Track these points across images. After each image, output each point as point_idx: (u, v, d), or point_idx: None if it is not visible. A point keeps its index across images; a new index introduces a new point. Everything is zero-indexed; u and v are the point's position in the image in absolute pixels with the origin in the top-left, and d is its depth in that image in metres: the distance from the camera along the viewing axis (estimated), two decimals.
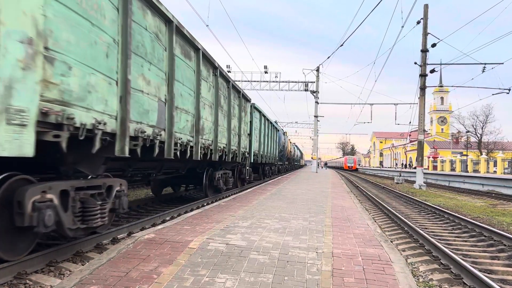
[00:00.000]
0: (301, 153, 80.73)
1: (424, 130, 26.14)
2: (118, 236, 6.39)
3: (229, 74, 14.50)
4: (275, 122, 27.95)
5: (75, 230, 4.87)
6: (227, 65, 34.68)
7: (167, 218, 8.39)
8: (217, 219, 7.08)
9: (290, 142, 46.07)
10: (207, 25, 17.50)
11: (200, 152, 8.66)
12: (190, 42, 7.88)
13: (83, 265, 4.93)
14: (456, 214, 10.77)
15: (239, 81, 35.10)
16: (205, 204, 10.90)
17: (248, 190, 14.49)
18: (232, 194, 13.45)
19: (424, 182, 25.12)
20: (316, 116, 38.51)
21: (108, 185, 5.59)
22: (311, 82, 37.06)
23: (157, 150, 6.22)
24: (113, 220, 6.25)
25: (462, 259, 5.85)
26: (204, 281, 3.78)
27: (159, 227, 6.19)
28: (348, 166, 79.62)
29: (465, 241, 8.02)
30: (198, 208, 10.06)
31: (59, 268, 4.71)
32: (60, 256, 5.00)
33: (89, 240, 5.73)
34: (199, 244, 5.01)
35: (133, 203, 10.19)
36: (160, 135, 6.37)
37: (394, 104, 40.41)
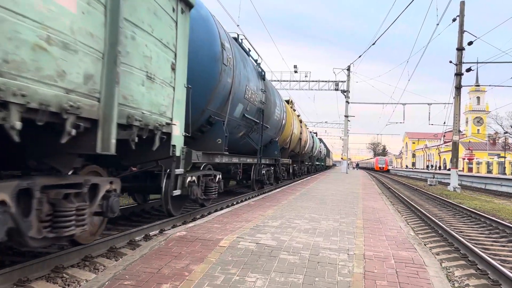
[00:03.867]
0: (328, 151, 64.54)
1: (459, 131, 25.34)
2: (150, 233, 6.51)
3: None
4: (258, 65, 12.96)
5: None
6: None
7: (198, 216, 8.48)
8: (246, 218, 7.10)
9: (306, 127, 30.51)
10: (237, 25, 17.54)
11: None
12: None
13: (116, 260, 5.05)
14: (494, 218, 10.39)
15: (269, 80, 35.03)
16: (234, 203, 10.96)
17: (277, 190, 14.47)
18: (261, 194, 13.45)
19: (458, 185, 24.36)
20: (346, 116, 38.06)
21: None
22: (342, 81, 36.65)
23: None
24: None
25: (501, 265, 5.62)
26: (235, 280, 3.79)
27: (190, 225, 6.26)
28: (379, 167, 78.23)
29: (504, 246, 7.72)
30: (228, 207, 10.12)
31: (94, 263, 4.84)
32: (95, 251, 5.13)
33: (122, 237, 5.87)
34: (230, 243, 5.03)
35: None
36: None
37: (428, 104, 39.49)
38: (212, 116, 8.51)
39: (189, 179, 7.37)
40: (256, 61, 12.84)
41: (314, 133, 39.35)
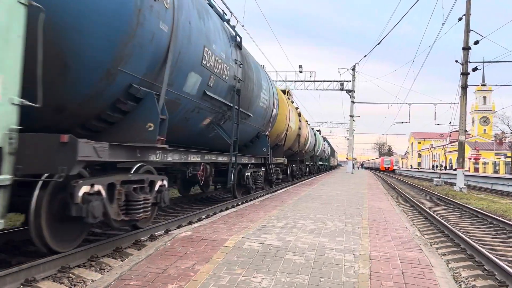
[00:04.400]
0: (332, 150, 61.05)
1: (465, 131, 25.20)
2: (155, 233, 6.53)
3: None
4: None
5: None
6: (262, 65, 34.67)
7: (203, 217, 8.49)
8: (252, 218, 7.10)
9: (308, 124, 27.96)
10: (242, 25, 17.53)
11: None
12: None
13: (122, 260, 5.06)
14: (500, 218, 10.31)
15: (274, 80, 35.02)
16: (239, 203, 10.96)
17: (282, 190, 14.45)
18: (265, 194, 13.44)
19: (465, 185, 24.22)
20: (351, 116, 37.98)
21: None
22: (347, 81, 36.57)
23: None
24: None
25: (508, 266, 5.58)
26: (240, 280, 3.79)
27: (196, 225, 6.26)
28: (385, 167, 77.94)
29: (511, 247, 7.66)
30: (233, 207, 10.12)
31: (100, 263, 4.86)
32: (100, 251, 5.15)
33: (128, 237, 5.88)
34: (235, 243, 5.03)
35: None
36: None
37: (434, 103, 39.29)
38: (135, 86, 5.03)
39: (83, 190, 4.47)
40: (223, 17, 8.79)
41: (317, 130, 37.08)
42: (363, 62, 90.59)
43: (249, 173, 11.68)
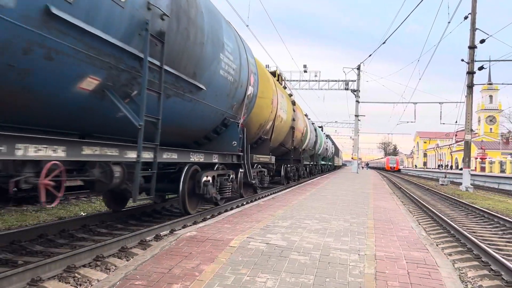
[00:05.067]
0: (337, 149, 57.48)
1: (471, 130, 25.05)
2: (161, 233, 6.54)
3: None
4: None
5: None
6: (266, 65, 34.65)
7: (208, 217, 8.50)
8: (256, 218, 7.09)
9: (307, 118, 24.69)
10: (247, 25, 17.56)
11: None
12: None
13: (127, 260, 5.08)
14: (507, 218, 10.24)
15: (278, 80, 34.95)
16: (244, 203, 10.96)
17: (287, 190, 14.43)
18: (270, 194, 13.43)
19: (471, 184, 24.08)
20: (356, 116, 37.87)
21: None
22: (352, 80, 36.50)
23: None
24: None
25: None
26: (245, 280, 3.78)
27: (201, 225, 6.27)
28: (390, 167, 77.71)
29: None
30: (237, 207, 10.12)
31: (105, 263, 4.88)
32: (106, 251, 5.17)
33: (133, 237, 5.90)
34: (240, 243, 5.03)
35: (174, 201, 10.39)
36: None
37: (439, 103, 39.17)
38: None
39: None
40: None
41: (319, 127, 34.16)
42: (368, 61, 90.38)
43: (208, 178, 8.17)
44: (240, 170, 10.31)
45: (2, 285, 3.69)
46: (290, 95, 17.99)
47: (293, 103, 17.59)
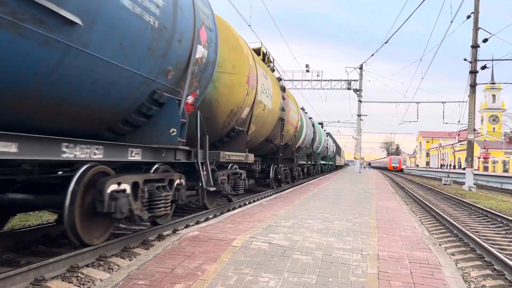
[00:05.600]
0: (338, 148, 54.75)
1: (474, 129, 24.99)
2: (163, 233, 6.55)
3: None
4: None
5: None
6: (283, 81, 34.53)
7: (210, 216, 8.50)
8: (259, 218, 7.10)
9: (303, 111, 22.24)
10: (249, 25, 17.53)
11: None
12: None
13: (130, 260, 5.08)
14: (510, 218, 10.21)
15: (280, 80, 34.90)
16: (247, 203, 10.96)
17: (290, 189, 14.43)
18: (273, 194, 13.43)
19: (474, 184, 24.02)
20: (359, 115, 37.81)
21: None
22: (354, 80, 36.42)
23: None
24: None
25: None
26: (248, 280, 3.79)
27: (203, 224, 6.28)
28: (393, 167, 77.54)
29: None
30: (240, 207, 10.13)
31: (108, 262, 4.89)
32: (108, 251, 5.18)
33: (136, 236, 5.91)
34: (242, 243, 5.03)
35: None
36: None
37: (442, 102, 39.12)
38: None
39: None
40: None
41: (319, 123, 31.43)
42: (371, 61, 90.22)
43: (123, 187, 5.09)
44: (203, 173, 7.43)
45: (5, 284, 3.70)
46: (280, 79, 14.63)
47: (283, 89, 14.38)
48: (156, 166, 6.24)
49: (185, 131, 6.01)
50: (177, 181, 6.66)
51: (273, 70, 13.91)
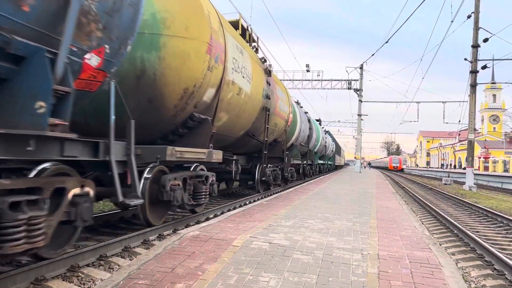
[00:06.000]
0: (338, 147, 52.83)
1: (475, 129, 24.98)
2: (164, 233, 6.55)
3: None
4: None
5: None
6: (269, 64, 34.44)
7: (211, 216, 8.50)
8: (259, 218, 7.10)
9: (298, 105, 20.44)
10: (249, 25, 17.50)
11: None
12: None
13: (131, 260, 5.09)
14: (511, 218, 10.21)
15: (281, 80, 34.89)
16: (247, 202, 10.96)
17: (290, 189, 14.43)
18: (274, 193, 13.42)
19: (474, 184, 24.02)
20: (359, 115, 37.82)
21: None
22: (355, 80, 36.44)
23: None
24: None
25: None
26: (248, 279, 3.79)
27: (203, 224, 6.28)
28: (393, 166, 77.53)
29: None
30: (240, 206, 10.13)
31: (108, 262, 4.89)
32: (109, 250, 5.18)
33: (136, 236, 5.91)
34: (243, 242, 5.04)
35: None
36: None
37: (442, 102, 39.13)
38: None
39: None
40: None
41: (316, 120, 29.70)
42: (371, 60, 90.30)
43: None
44: (118, 175, 4.94)
45: (6, 284, 3.71)
46: (264, 60, 11.85)
47: (267, 72, 11.69)
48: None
49: (67, 107, 3.60)
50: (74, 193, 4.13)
51: (256, 51, 11.62)
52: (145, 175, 6.02)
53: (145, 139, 6.57)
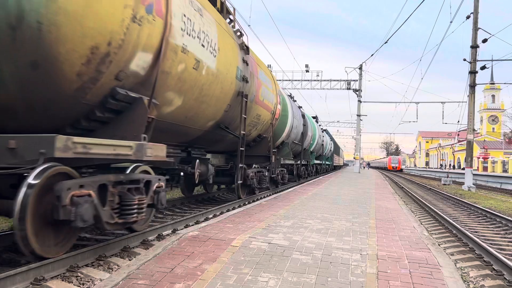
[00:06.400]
0: (337, 147, 51.54)
1: (474, 130, 25.00)
2: (163, 233, 6.56)
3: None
4: None
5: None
6: (268, 65, 34.51)
7: (210, 216, 8.51)
8: (259, 218, 7.10)
9: (292, 100, 18.61)
10: (249, 25, 17.59)
11: None
12: None
13: (130, 260, 5.09)
14: (510, 218, 10.21)
15: (280, 80, 34.97)
16: (246, 203, 10.97)
17: (289, 190, 14.44)
18: (273, 194, 13.42)
19: (473, 184, 24.03)
20: (358, 115, 37.84)
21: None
22: (354, 80, 36.46)
23: None
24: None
25: None
26: (247, 280, 3.79)
27: (203, 224, 6.28)
28: (392, 167, 77.57)
29: None
30: (240, 206, 10.14)
31: (108, 262, 4.89)
32: (108, 251, 5.19)
33: (135, 236, 5.91)
34: (242, 243, 5.04)
35: (177, 201, 10.42)
36: None
37: (442, 102, 39.17)
38: None
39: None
40: None
41: (313, 117, 27.25)
42: (370, 61, 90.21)
43: None
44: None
45: (5, 284, 3.71)
46: (240, 34, 9.38)
47: (243, 48, 9.32)
48: None
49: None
50: None
51: (232, 24, 9.36)
52: (29, 180, 3.90)
53: (41, 126, 4.50)
